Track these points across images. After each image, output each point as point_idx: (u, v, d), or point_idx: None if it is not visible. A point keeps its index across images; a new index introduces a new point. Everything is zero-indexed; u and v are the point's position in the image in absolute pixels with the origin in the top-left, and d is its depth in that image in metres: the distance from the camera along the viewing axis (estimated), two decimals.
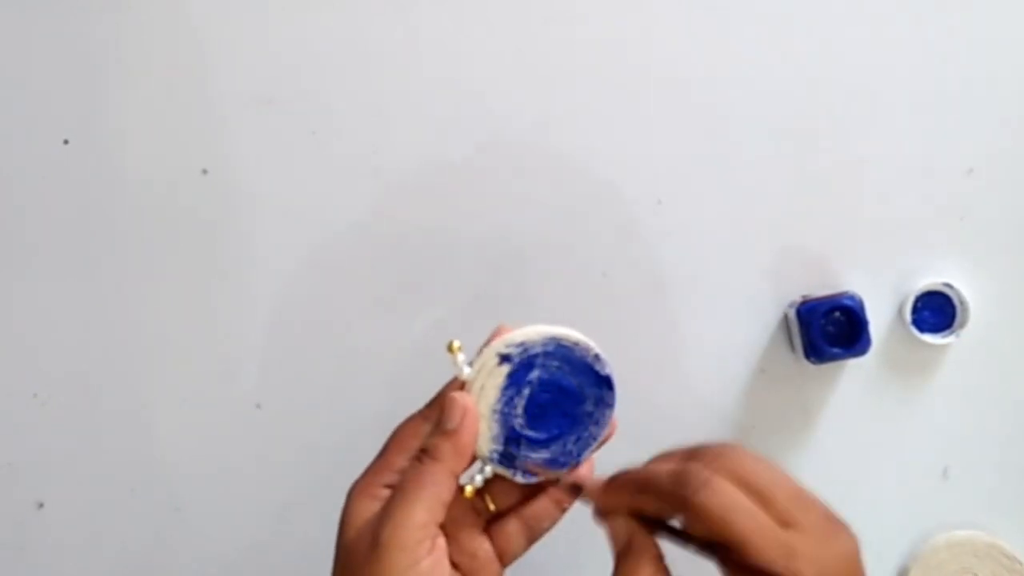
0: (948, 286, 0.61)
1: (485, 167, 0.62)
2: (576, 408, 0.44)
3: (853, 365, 0.62)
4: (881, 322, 0.61)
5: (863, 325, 0.59)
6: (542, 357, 0.43)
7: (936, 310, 0.61)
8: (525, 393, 0.43)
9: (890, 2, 0.61)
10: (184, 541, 0.62)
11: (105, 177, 0.62)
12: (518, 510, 0.44)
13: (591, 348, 0.43)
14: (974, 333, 0.61)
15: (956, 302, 0.61)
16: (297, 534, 0.62)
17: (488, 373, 0.43)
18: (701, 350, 0.62)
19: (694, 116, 0.62)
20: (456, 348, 0.43)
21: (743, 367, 0.62)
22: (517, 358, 0.43)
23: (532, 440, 0.43)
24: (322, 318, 0.62)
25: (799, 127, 0.62)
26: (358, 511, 0.41)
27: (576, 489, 0.42)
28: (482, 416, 0.43)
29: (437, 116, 0.62)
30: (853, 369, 0.62)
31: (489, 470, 0.43)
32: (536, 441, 0.43)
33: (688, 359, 0.62)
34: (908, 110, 0.62)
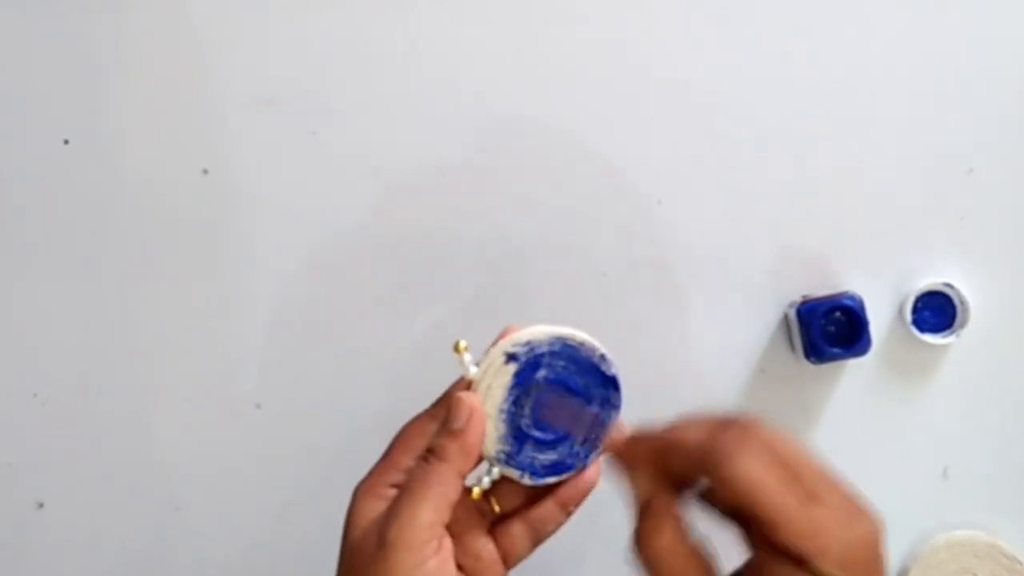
0: (948, 286, 0.61)
1: (485, 167, 0.62)
2: (583, 409, 0.43)
3: (853, 365, 0.62)
4: (881, 322, 0.61)
5: (863, 325, 0.59)
6: (548, 357, 0.43)
7: (936, 310, 0.61)
8: (532, 393, 0.43)
9: (890, 2, 0.61)
10: (184, 541, 0.62)
11: (105, 177, 0.62)
12: (523, 512, 0.44)
13: (597, 348, 0.43)
14: (974, 333, 0.61)
15: (956, 302, 0.61)
16: (297, 534, 0.62)
17: (495, 373, 0.43)
18: (701, 350, 0.62)
19: (694, 116, 0.62)
20: (462, 348, 0.43)
21: (743, 367, 0.62)
22: (523, 358, 0.43)
23: (539, 441, 0.43)
24: (322, 318, 0.62)
25: (799, 127, 0.62)
26: (364, 510, 0.41)
27: (599, 435, 0.43)
28: (488, 416, 0.42)
29: (437, 116, 0.62)
30: (853, 369, 0.62)
31: (496, 471, 0.43)
32: (543, 442, 0.43)
33: (688, 359, 0.62)
34: (908, 110, 0.62)
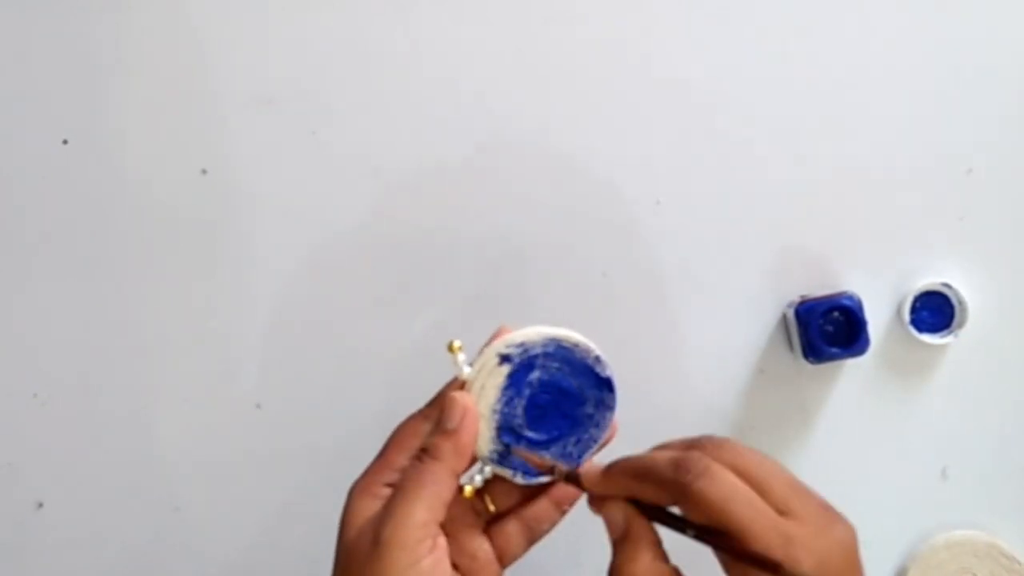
0: (947, 286, 0.61)
1: (485, 167, 0.62)
2: (576, 410, 0.44)
3: (852, 365, 0.62)
4: (880, 322, 0.61)
5: (862, 325, 0.59)
6: (542, 358, 0.43)
7: (935, 310, 0.61)
8: (525, 394, 0.43)
9: (890, 2, 0.61)
10: (184, 541, 0.62)
11: (105, 177, 0.62)
12: (518, 511, 0.44)
13: (592, 350, 0.43)
14: (973, 333, 0.61)
15: (955, 302, 0.61)
16: (297, 534, 0.62)
17: (488, 373, 0.43)
18: (700, 350, 0.62)
19: (694, 116, 0.62)
20: (456, 348, 0.43)
21: (742, 367, 0.62)
22: (517, 359, 0.43)
23: (532, 441, 0.43)
24: (322, 318, 0.62)
25: (799, 127, 0.62)
26: (359, 510, 0.41)
27: (573, 476, 0.42)
28: (482, 416, 0.43)
29: (437, 116, 0.62)
30: (852, 369, 0.62)
31: (489, 470, 0.43)
32: (536, 442, 0.43)
33: (687, 359, 0.62)
34: (908, 110, 0.62)
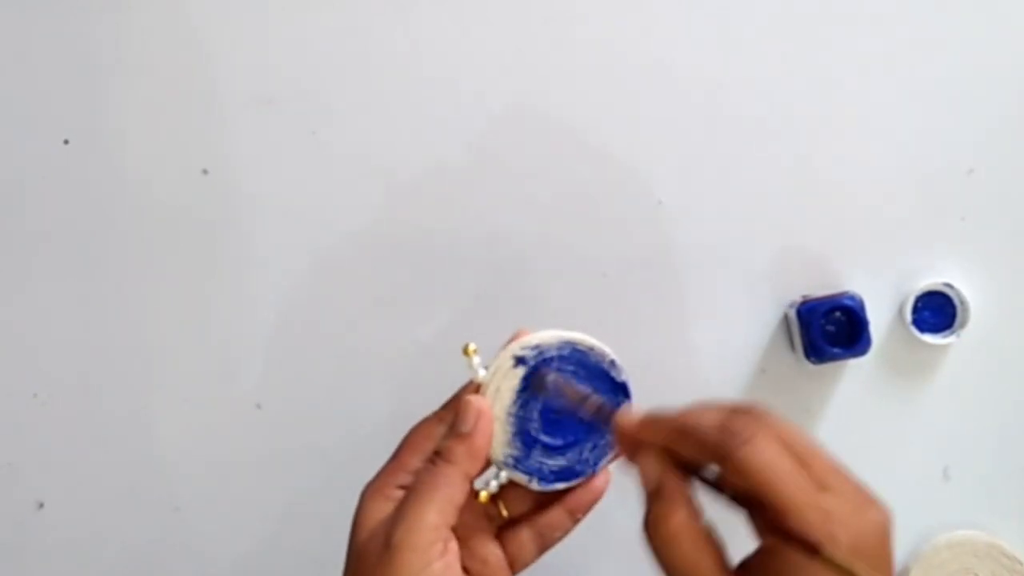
0: (948, 286, 0.60)
1: (485, 167, 0.62)
2: (593, 420, 0.43)
3: (853, 365, 0.62)
4: (881, 322, 0.61)
5: (863, 325, 0.59)
6: (557, 361, 0.43)
7: (936, 310, 0.61)
8: (540, 397, 0.43)
9: (890, 2, 0.61)
10: (184, 541, 0.62)
11: (105, 177, 0.62)
12: (531, 518, 0.44)
13: (607, 354, 0.43)
14: (974, 333, 0.61)
15: (956, 302, 0.61)
16: (297, 534, 0.62)
17: (503, 376, 0.42)
18: (702, 350, 0.62)
19: (694, 116, 0.62)
20: (472, 351, 0.42)
21: (743, 367, 0.62)
22: (532, 361, 0.42)
23: (548, 446, 0.43)
24: (322, 318, 0.62)
25: (799, 127, 0.62)
26: (371, 512, 0.41)
27: (608, 414, 0.42)
28: (497, 419, 0.42)
29: (437, 116, 0.62)
30: (853, 369, 0.62)
31: (504, 476, 0.43)
32: (551, 447, 0.43)
33: (688, 359, 0.62)
34: (910, 110, 0.62)
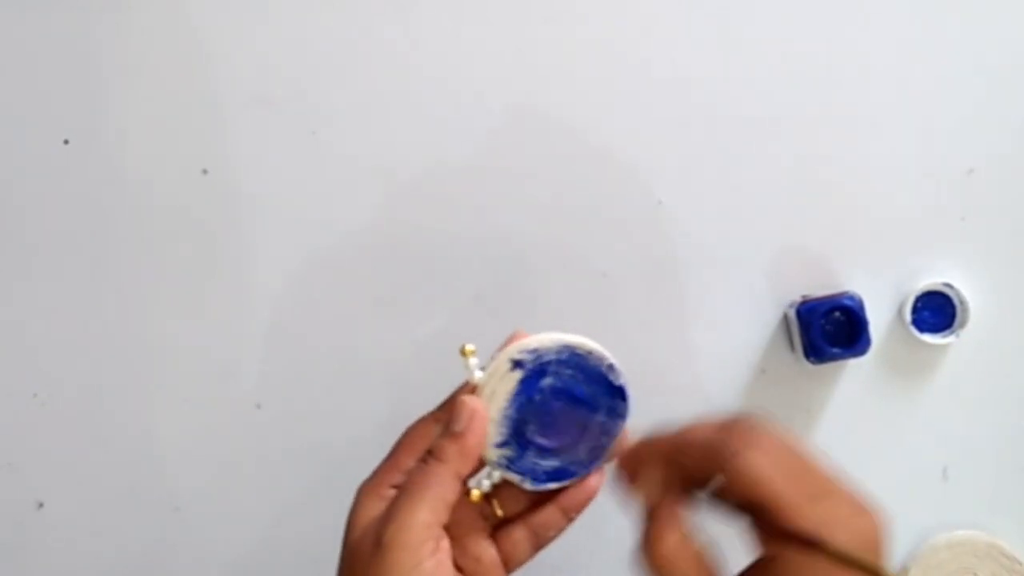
0: (948, 286, 0.61)
1: (485, 167, 0.62)
2: (588, 417, 0.43)
3: (853, 365, 0.62)
4: (881, 322, 0.61)
5: (863, 325, 0.59)
6: (555, 365, 0.42)
7: (936, 310, 0.61)
8: (536, 400, 0.43)
9: (891, 2, 0.61)
10: (184, 541, 0.62)
11: (105, 177, 0.62)
12: (526, 517, 0.44)
13: (605, 358, 0.43)
14: (974, 333, 0.61)
15: (956, 302, 0.61)
16: (297, 534, 0.62)
17: (500, 378, 0.42)
18: (701, 350, 0.62)
19: (694, 116, 0.62)
20: (469, 352, 0.42)
21: (743, 367, 0.62)
22: (530, 364, 0.42)
23: (542, 447, 0.43)
24: (322, 318, 0.62)
25: (799, 127, 0.62)
26: (365, 511, 0.41)
27: (606, 446, 0.42)
28: (492, 420, 0.42)
29: (437, 116, 0.62)
30: (853, 369, 0.62)
31: (497, 475, 0.43)
32: (546, 448, 0.43)
33: (688, 359, 0.62)
34: (908, 110, 0.62)
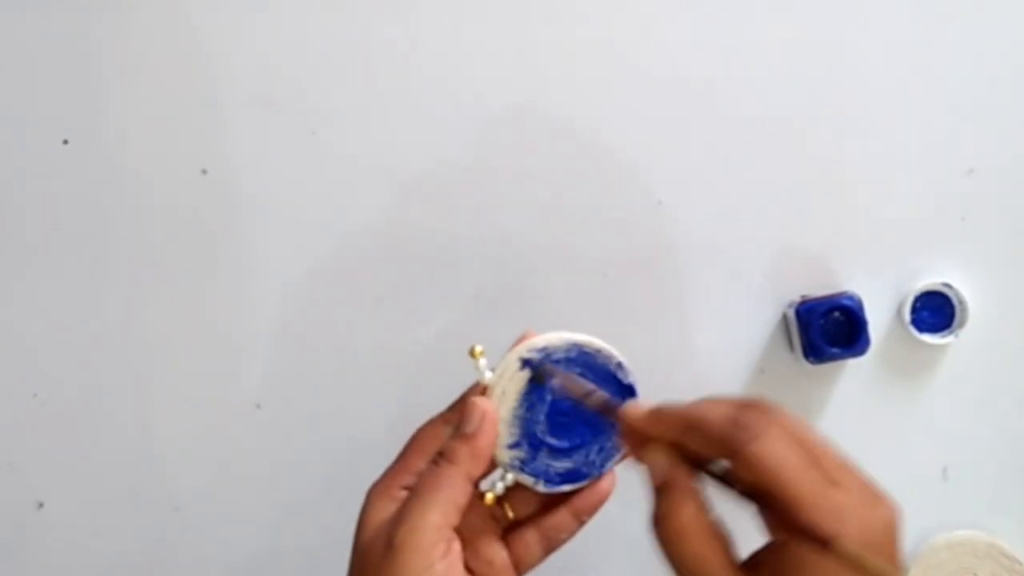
0: (947, 286, 0.61)
1: (485, 167, 0.62)
2: (599, 417, 0.43)
3: (852, 365, 0.62)
4: (880, 322, 0.61)
5: (862, 325, 0.59)
6: (564, 363, 0.42)
7: (935, 310, 0.61)
8: (547, 400, 0.43)
9: (891, 2, 0.61)
10: (184, 541, 0.62)
11: (105, 177, 0.62)
12: (537, 520, 0.44)
13: (614, 356, 0.43)
14: (973, 333, 0.61)
15: (955, 302, 0.61)
16: (297, 534, 0.62)
17: (510, 378, 0.42)
18: (701, 350, 0.62)
19: (694, 116, 0.62)
20: (478, 352, 0.42)
21: (742, 367, 0.62)
22: (539, 364, 0.42)
23: (553, 448, 0.43)
24: (322, 318, 0.62)
25: (799, 127, 0.62)
26: (375, 512, 0.41)
27: (613, 408, 0.41)
28: (503, 421, 0.42)
29: (437, 116, 0.62)
30: (852, 369, 0.62)
31: (511, 478, 0.43)
32: (558, 449, 0.43)
33: (688, 359, 0.62)
34: (908, 110, 0.62)
